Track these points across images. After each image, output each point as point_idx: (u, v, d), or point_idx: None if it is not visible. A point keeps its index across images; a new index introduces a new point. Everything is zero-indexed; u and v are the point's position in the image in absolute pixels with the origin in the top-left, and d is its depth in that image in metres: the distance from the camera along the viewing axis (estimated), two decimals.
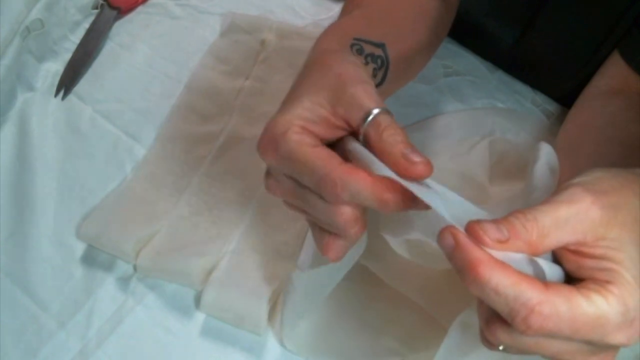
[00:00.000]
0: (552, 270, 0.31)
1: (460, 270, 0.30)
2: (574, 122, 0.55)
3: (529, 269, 0.30)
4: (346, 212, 0.35)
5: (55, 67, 0.68)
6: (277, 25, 0.71)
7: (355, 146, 0.36)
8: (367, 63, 0.42)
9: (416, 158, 0.33)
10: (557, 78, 0.63)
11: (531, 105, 0.66)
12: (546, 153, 0.39)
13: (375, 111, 0.35)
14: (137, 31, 0.72)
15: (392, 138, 0.34)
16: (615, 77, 0.53)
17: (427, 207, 0.32)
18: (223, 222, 0.56)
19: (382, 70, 0.43)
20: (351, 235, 0.36)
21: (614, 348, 0.31)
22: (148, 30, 0.72)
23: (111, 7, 0.72)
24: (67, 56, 0.69)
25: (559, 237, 0.30)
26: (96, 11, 0.73)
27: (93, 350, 0.52)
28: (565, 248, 0.31)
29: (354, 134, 0.36)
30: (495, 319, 0.31)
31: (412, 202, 0.33)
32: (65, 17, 0.71)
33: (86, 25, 0.71)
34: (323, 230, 0.37)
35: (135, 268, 0.55)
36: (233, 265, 0.53)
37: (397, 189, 0.33)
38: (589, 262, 0.30)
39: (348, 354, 0.50)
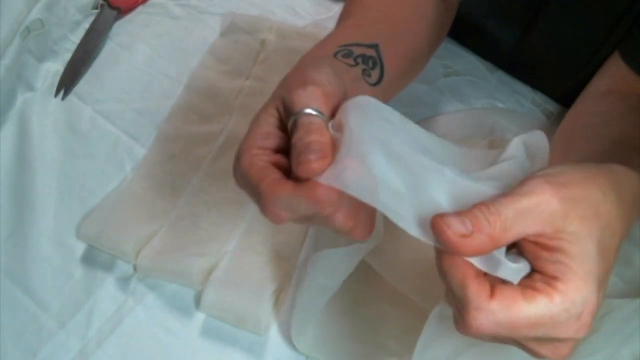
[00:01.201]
0: (510, 269, 0.32)
1: (435, 253, 0.32)
2: (569, 120, 0.55)
3: (489, 265, 0.31)
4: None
5: (55, 67, 0.68)
6: (277, 25, 0.71)
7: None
8: (356, 64, 0.42)
9: (311, 156, 0.32)
10: (557, 78, 0.63)
11: (531, 105, 0.66)
12: (531, 135, 0.39)
13: (297, 114, 0.34)
14: (137, 31, 0.72)
15: (297, 142, 0.33)
16: (615, 77, 0.53)
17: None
18: (223, 222, 0.56)
19: (376, 70, 0.43)
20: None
21: (570, 340, 0.32)
22: (148, 30, 0.72)
23: (111, 7, 0.72)
24: (67, 56, 0.69)
25: (520, 229, 0.31)
26: (96, 11, 0.73)
27: (93, 350, 0.52)
28: (525, 238, 0.32)
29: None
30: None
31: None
32: (65, 17, 0.71)
33: (86, 25, 0.71)
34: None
35: (135, 268, 0.55)
36: (233, 265, 0.53)
37: (328, 189, 0.32)
38: (544, 254, 0.31)
39: (345, 353, 0.50)
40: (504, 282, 0.31)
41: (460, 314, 0.31)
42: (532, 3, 0.56)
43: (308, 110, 0.34)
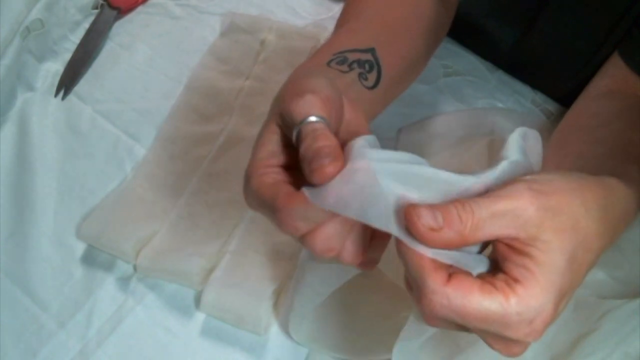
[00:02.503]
0: (467, 261, 0.32)
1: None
2: (568, 120, 0.55)
3: (448, 255, 0.32)
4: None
5: (55, 67, 0.68)
6: (277, 25, 0.71)
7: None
8: (351, 69, 0.42)
9: (324, 161, 0.32)
10: (557, 78, 0.63)
11: (531, 105, 0.66)
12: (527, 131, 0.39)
13: (300, 124, 0.34)
14: (137, 31, 0.72)
15: (305, 152, 0.33)
16: (615, 77, 0.53)
17: None
18: (223, 222, 0.56)
19: (373, 73, 0.43)
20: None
21: (521, 342, 0.32)
22: (148, 30, 0.72)
23: (111, 7, 0.72)
24: (67, 56, 0.69)
25: (492, 230, 0.31)
26: (96, 11, 0.73)
27: (93, 350, 0.52)
28: (499, 241, 0.32)
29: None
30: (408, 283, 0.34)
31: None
32: (65, 17, 0.71)
33: (86, 25, 0.72)
34: None
35: (135, 268, 0.55)
36: (233, 265, 0.53)
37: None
38: (513, 257, 0.31)
39: (343, 347, 0.51)
40: (464, 273, 0.32)
41: (417, 298, 0.32)
42: (531, 3, 0.56)
43: (310, 119, 0.34)
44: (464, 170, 0.34)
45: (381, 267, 0.49)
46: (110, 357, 0.51)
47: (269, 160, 0.36)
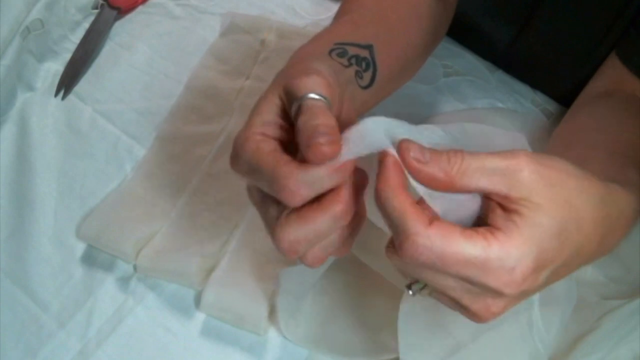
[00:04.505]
0: (450, 208, 0.33)
1: (376, 184, 0.33)
2: (567, 123, 0.55)
3: (430, 201, 0.33)
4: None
5: (55, 67, 0.68)
6: (277, 25, 0.71)
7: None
8: (350, 65, 0.42)
9: (320, 139, 0.32)
10: (556, 77, 0.63)
11: (531, 105, 0.66)
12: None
13: (302, 99, 0.34)
14: (137, 31, 0.72)
15: (304, 125, 0.33)
16: (613, 78, 0.53)
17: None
18: (223, 222, 0.56)
19: (369, 73, 0.43)
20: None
21: (503, 295, 0.32)
22: (148, 30, 0.72)
23: (111, 7, 0.72)
24: (67, 56, 0.69)
25: (478, 181, 0.32)
26: (96, 11, 0.73)
27: (93, 350, 0.52)
28: (491, 198, 0.32)
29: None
30: (390, 241, 0.34)
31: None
32: (65, 17, 0.71)
33: (86, 25, 0.72)
34: None
35: (135, 268, 0.55)
36: (233, 265, 0.53)
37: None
38: (500, 211, 0.32)
39: (344, 348, 0.51)
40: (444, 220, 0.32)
41: (398, 242, 0.32)
42: (526, 1, 0.56)
43: (313, 95, 0.34)
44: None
45: (367, 262, 0.49)
46: (110, 357, 0.51)
47: (265, 129, 0.35)
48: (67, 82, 0.67)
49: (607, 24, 0.52)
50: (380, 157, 0.33)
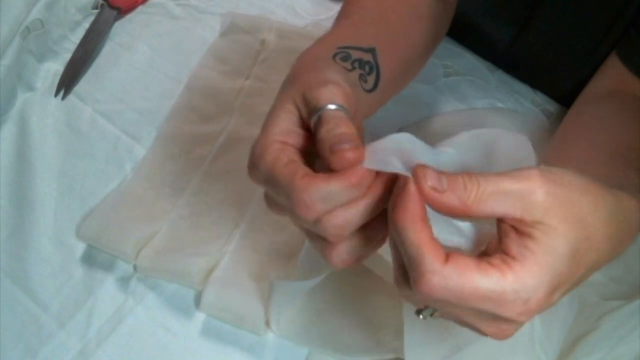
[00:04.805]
0: (467, 239, 0.33)
1: (391, 210, 0.32)
2: (567, 124, 0.55)
3: (449, 232, 0.33)
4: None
5: (55, 67, 0.68)
6: (277, 25, 0.71)
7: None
8: (353, 69, 0.42)
9: (345, 145, 0.32)
10: (556, 77, 0.63)
11: (531, 105, 0.66)
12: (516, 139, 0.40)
13: (322, 110, 0.35)
14: (137, 31, 0.72)
15: (326, 135, 0.33)
16: (613, 78, 0.53)
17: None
18: (223, 222, 0.56)
19: (372, 76, 0.43)
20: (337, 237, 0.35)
21: (517, 322, 0.32)
22: (148, 30, 0.72)
23: (111, 7, 0.72)
24: (67, 56, 0.69)
25: (495, 206, 0.31)
26: (96, 11, 0.73)
27: (93, 350, 0.52)
28: (504, 221, 0.32)
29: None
30: (400, 273, 0.33)
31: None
32: (65, 17, 0.71)
33: (86, 25, 0.71)
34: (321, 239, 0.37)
35: (135, 268, 0.55)
36: (233, 265, 0.53)
37: (364, 170, 0.33)
38: (515, 236, 0.32)
39: (342, 346, 0.51)
40: (459, 253, 0.32)
41: (413, 277, 0.31)
42: (526, 1, 0.56)
43: (332, 106, 0.34)
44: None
45: (373, 267, 0.49)
46: (110, 357, 0.51)
47: (284, 138, 0.35)
48: (67, 82, 0.67)
49: (607, 24, 0.52)
50: (401, 183, 0.32)
